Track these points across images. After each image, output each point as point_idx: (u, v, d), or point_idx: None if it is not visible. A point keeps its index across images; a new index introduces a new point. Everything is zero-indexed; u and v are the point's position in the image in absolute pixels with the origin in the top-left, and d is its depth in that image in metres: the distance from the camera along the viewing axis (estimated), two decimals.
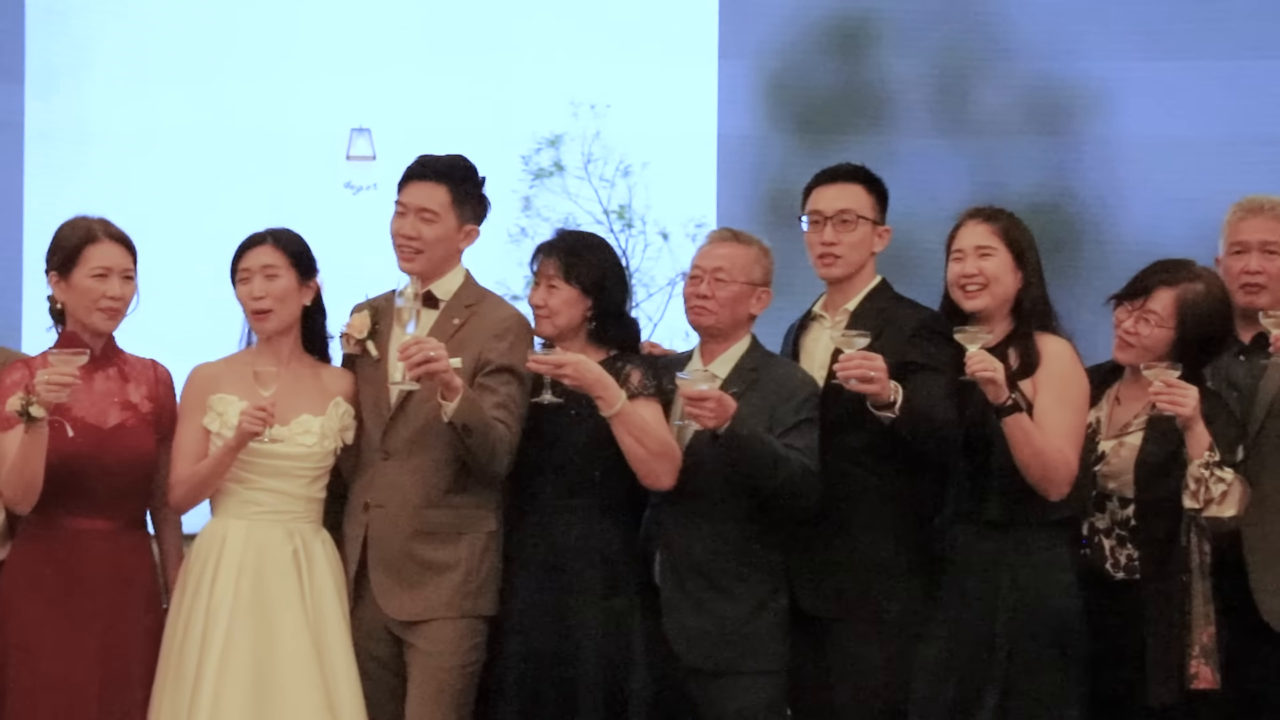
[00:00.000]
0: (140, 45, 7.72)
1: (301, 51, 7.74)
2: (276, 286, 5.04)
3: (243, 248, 5.11)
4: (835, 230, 5.15)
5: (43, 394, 4.70)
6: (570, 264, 5.08)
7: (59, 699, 4.85)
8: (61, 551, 4.92)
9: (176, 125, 7.68)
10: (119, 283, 4.99)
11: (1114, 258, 7.09)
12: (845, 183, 5.21)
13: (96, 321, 5.00)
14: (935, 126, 7.64)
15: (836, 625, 5.03)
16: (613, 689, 4.96)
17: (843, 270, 5.17)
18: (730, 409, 4.83)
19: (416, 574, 5.02)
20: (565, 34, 7.76)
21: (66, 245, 5.02)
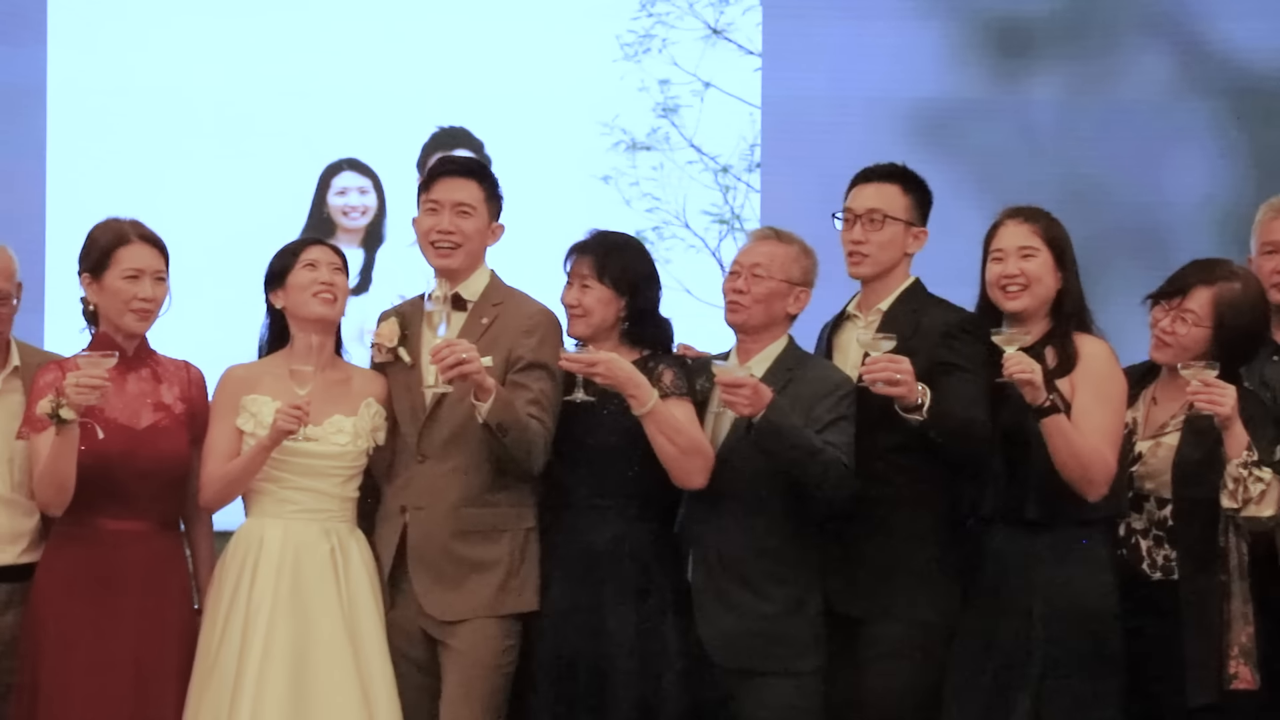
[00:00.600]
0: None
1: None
2: (342, 281, 5.08)
3: (299, 246, 5.11)
4: (864, 229, 5.11)
5: (72, 396, 4.67)
6: (604, 264, 5.04)
7: (92, 700, 4.82)
8: (95, 553, 4.89)
9: (206, 120, 7.63)
10: (151, 284, 4.97)
11: None
12: (882, 182, 5.16)
13: (128, 323, 4.97)
14: None
15: (868, 625, 4.99)
16: (646, 689, 4.92)
17: (869, 269, 5.13)
18: (766, 397, 4.79)
19: (459, 573, 4.99)
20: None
21: (98, 247, 5.00)
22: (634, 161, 7.68)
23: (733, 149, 7.71)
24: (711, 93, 7.73)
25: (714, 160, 7.73)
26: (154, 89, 7.58)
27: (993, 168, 7.42)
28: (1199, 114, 7.58)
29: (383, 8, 7.67)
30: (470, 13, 7.69)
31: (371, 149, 7.67)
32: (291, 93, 7.59)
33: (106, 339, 4.98)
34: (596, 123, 7.65)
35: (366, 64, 7.61)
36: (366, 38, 7.63)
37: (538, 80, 7.63)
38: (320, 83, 7.59)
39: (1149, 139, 7.54)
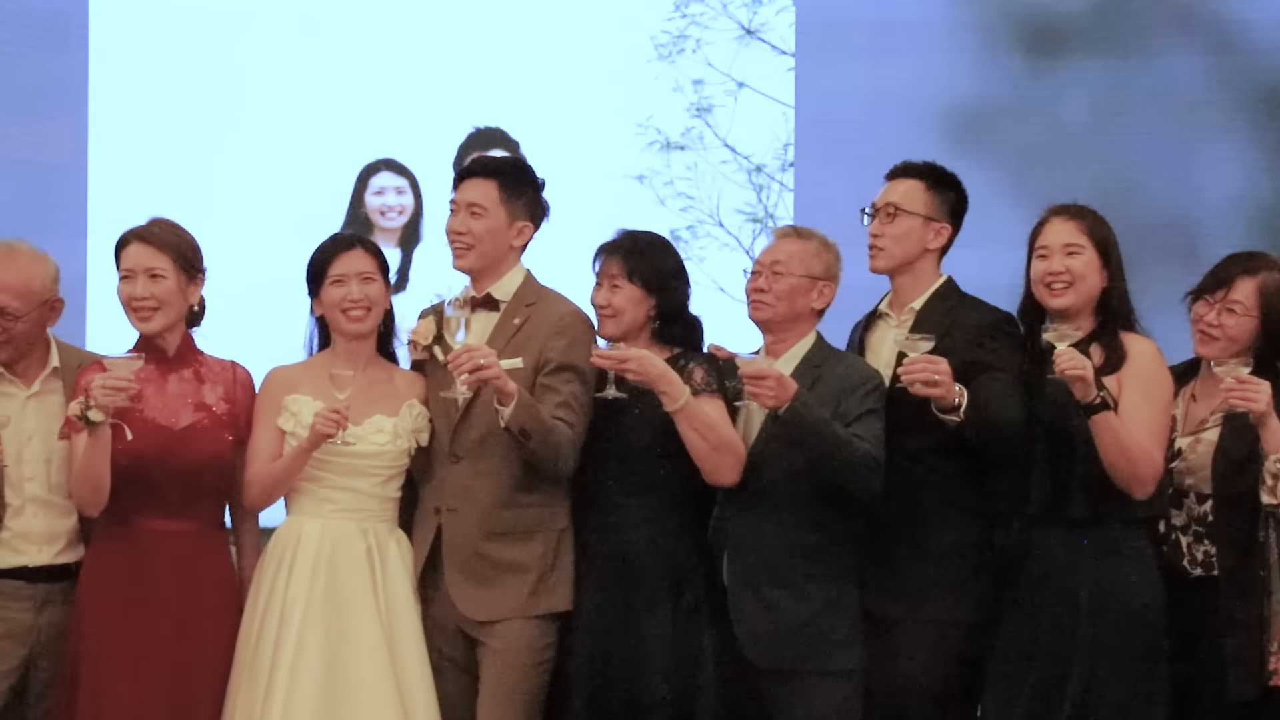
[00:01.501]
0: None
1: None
2: (373, 290, 4.98)
3: (332, 252, 5.03)
4: (880, 223, 5.07)
5: (99, 398, 4.63)
6: (633, 263, 4.98)
7: (129, 697, 4.77)
8: (135, 553, 4.85)
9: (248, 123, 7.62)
10: (144, 283, 4.91)
11: None
12: (905, 178, 5.12)
13: (134, 323, 4.94)
14: None
15: (903, 626, 4.92)
16: (681, 690, 4.86)
17: (884, 263, 5.07)
18: (791, 389, 4.72)
19: (491, 574, 4.93)
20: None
21: (115, 252, 4.98)
22: (668, 161, 7.66)
23: (766, 148, 7.69)
24: (745, 92, 7.71)
25: (747, 159, 7.71)
26: (194, 91, 7.58)
27: (1025, 166, 7.34)
28: (1231, 112, 7.49)
29: (421, 10, 7.65)
30: (507, 14, 7.68)
31: (409, 149, 7.67)
32: (330, 94, 7.60)
33: (148, 341, 4.94)
34: (631, 122, 7.64)
35: (404, 65, 7.61)
36: (404, 39, 7.64)
37: (573, 81, 7.62)
38: (358, 84, 7.60)
39: (1181, 137, 7.46)
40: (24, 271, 4.90)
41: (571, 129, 7.54)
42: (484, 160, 5.18)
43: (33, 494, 4.90)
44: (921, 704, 4.90)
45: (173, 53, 7.60)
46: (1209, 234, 7.15)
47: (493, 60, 7.60)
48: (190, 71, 7.59)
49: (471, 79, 7.59)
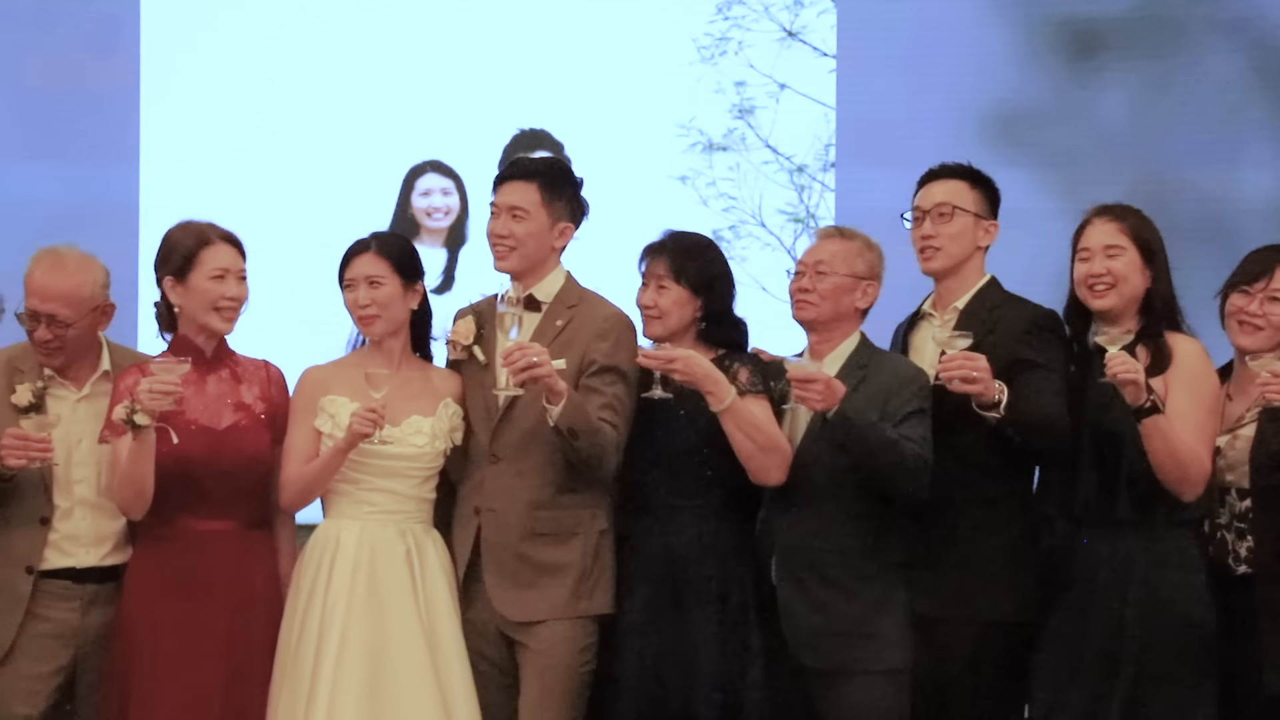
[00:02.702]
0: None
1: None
2: (381, 294, 4.89)
3: (348, 255, 4.97)
4: (933, 223, 4.98)
5: (145, 402, 4.57)
6: (680, 264, 4.91)
7: (183, 698, 4.71)
8: (182, 553, 4.79)
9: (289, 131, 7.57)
10: (235, 283, 4.87)
11: None
12: (947, 179, 5.04)
13: (213, 322, 4.87)
14: None
15: (949, 625, 4.82)
16: (728, 690, 4.78)
17: (942, 263, 4.98)
18: (839, 392, 4.65)
19: (531, 575, 4.85)
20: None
21: (181, 249, 4.89)
22: (711, 162, 7.60)
23: (807, 149, 7.62)
24: (787, 94, 7.64)
25: (789, 160, 7.64)
26: (244, 93, 7.53)
27: (1066, 167, 7.26)
28: (1272, 111, 7.38)
29: (467, 13, 7.60)
30: (551, 18, 7.61)
31: (454, 151, 7.61)
32: (376, 96, 7.54)
33: (185, 342, 4.88)
34: (674, 124, 7.57)
35: (450, 68, 7.55)
36: (449, 41, 7.58)
37: (617, 83, 7.55)
38: (404, 86, 7.53)
39: (1222, 137, 7.35)
40: (73, 279, 4.85)
41: (615, 130, 7.47)
42: (523, 162, 5.10)
43: (82, 496, 4.85)
44: (968, 704, 4.82)
45: (223, 54, 7.56)
46: (1250, 234, 7.02)
47: (537, 63, 7.55)
48: (239, 73, 7.55)
49: (516, 81, 7.53)
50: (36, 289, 4.82)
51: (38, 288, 4.82)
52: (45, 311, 4.81)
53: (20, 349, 4.95)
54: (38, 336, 4.83)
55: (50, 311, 4.81)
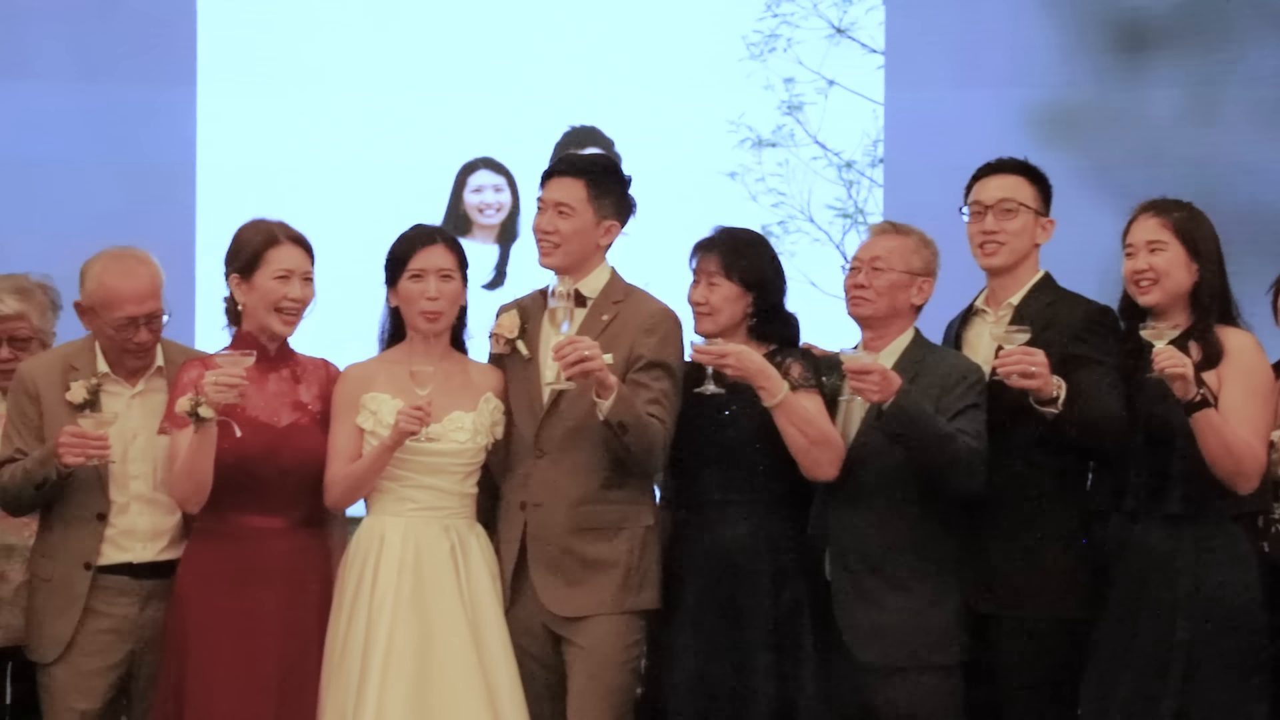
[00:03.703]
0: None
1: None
2: (450, 288, 4.82)
3: (413, 245, 4.85)
4: (996, 219, 4.89)
5: (211, 395, 4.51)
6: (731, 261, 4.82)
7: (238, 695, 4.64)
8: (236, 549, 4.72)
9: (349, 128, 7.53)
10: (299, 285, 4.79)
11: None
12: (1007, 174, 4.94)
13: (273, 323, 4.79)
14: None
15: (1004, 621, 4.73)
16: (783, 685, 4.69)
17: (1004, 259, 4.89)
18: (895, 383, 4.57)
19: (577, 571, 4.76)
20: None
21: (249, 248, 4.82)
22: (760, 158, 7.58)
23: (856, 144, 7.61)
24: (835, 90, 7.61)
25: (837, 156, 7.62)
26: (298, 93, 7.53)
27: (1113, 162, 7.18)
28: None
29: (516, 10, 7.55)
30: (601, 15, 7.59)
31: (506, 148, 7.61)
32: (429, 93, 7.53)
33: (249, 338, 4.81)
34: (723, 120, 7.56)
35: (501, 65, 7.55)
36: (501, 40, 7.57)
37: (666, 80, 7.56)
38: (456, 84, 7.52)
39: (1272, 132, 7.24)
40: (151, 272, 4.84)
41: (664, 127, 7.47)
42: (571, 159, 5.04)
43: (137, 492, 4.80)
44: (1021, 700, 4.73)
45: (277, 54, 7.57)
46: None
47: (588, 60, 7.55)
48: (293, 74, 7.56)
49: (567, 79, 7.53)
50: (129, 294, 4.76)
51: (130, 292, 4.76)
52: (144, 313, 4.77)
53: (75, 347, 4.91)
54: (139, 340, 4.79)
55: (149, 311, 4.78)
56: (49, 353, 5.00)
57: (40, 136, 7.53)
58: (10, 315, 5.13)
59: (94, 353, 4.85)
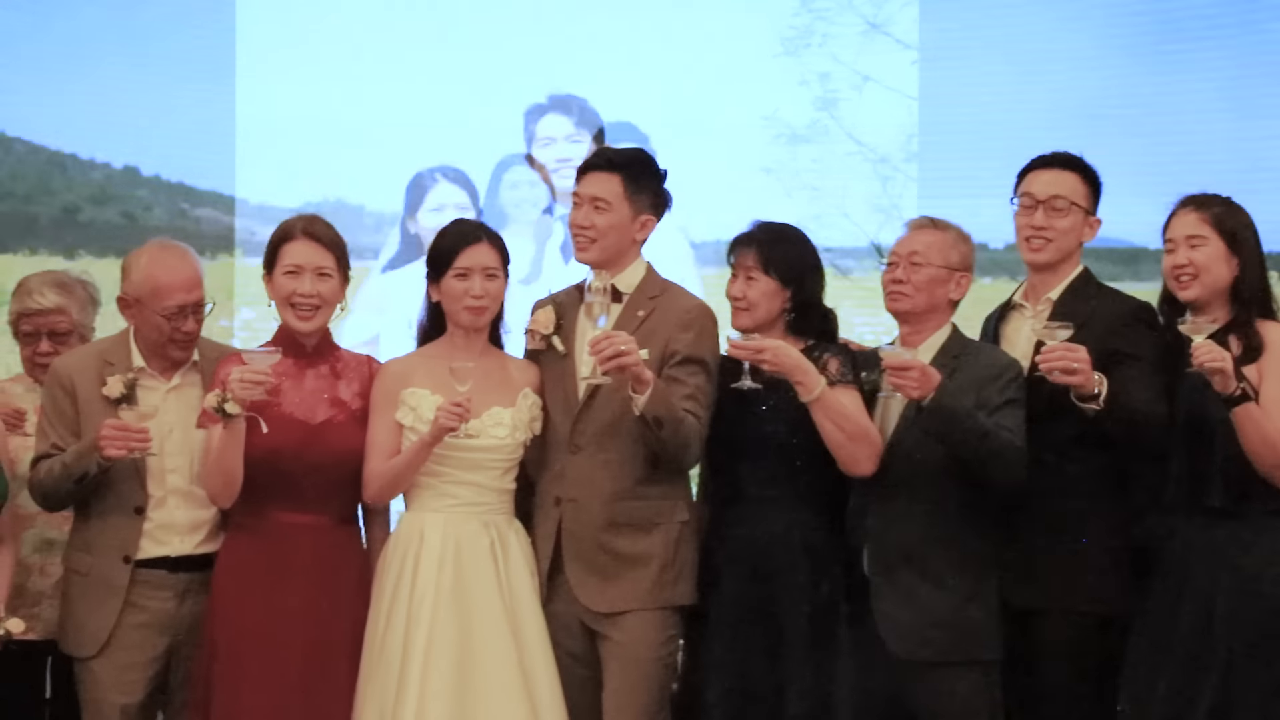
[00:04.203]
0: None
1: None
2: (495, 286, 4.78)
3: (459, 243, 4.81)
4: (1047, 215, 4.85)
5: (237, 392, 4.48)
6: (769, 256, 4.77)
7: (264, 688, 4.61)
8: (270, 545, 4.68)
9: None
10: (311, 280, 4.74)
11: None
12: (1061, 169, 4.90)
13: (289, 319, 4.76)
14: None
15: (1043, 616, 4.69)
16: (820, 681, 4.65)
17: (1051, 255, 4.85)
18: (934, 380, 4.52)
19: (612, 566, 4.72)
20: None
21: (270, 245, 4.82)
22: (795, 153, 7.50)
23: (891, 140, 7.52)
24: (869, 86, 7.54)
25: (872, 151, 7.53)
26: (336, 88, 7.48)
27: (1153, 156, 7.10)
28: None
29: (551, 7, 7.51)
30: (637, 11, 7.53)
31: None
32: (467, 90, 7.47)
33: (286, 334, 4.78)
34: (758, 116, 7.48)
35: (538, 61, 7.47)
36: (535, 36, 7.52)
37: (701, 76, 7.48)
38: (495, 80, 7.45)
39: None
40: (197, 265, 4.85)
41: (700, 122, 7.39)
42: (607, 153, 4.96)
43: (174, 485, 4.78)
44: (1061, 695, 4.68)
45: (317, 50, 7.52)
46: None
47: (624, 57, 7.48)
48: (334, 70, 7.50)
49: (603, 75, 7.45)
50: (178, 283, 4.76)
51: (178, 281, 4.76)
52: (192, 301, 4.76)
53: (110, 342, 4.90)
54: (187, 329, 4.77)
55: (197, 299, 4.77)
56: (84, 348, 4.98)
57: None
58: (50, 309, 5.13)
59: (129, 347, 4.84)
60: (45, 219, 7.86)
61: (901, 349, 4.66)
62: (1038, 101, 7.24)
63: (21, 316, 5.15)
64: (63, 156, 7.90)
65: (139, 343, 4.83)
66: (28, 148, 7.89)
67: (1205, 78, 7.27)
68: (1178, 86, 7.27)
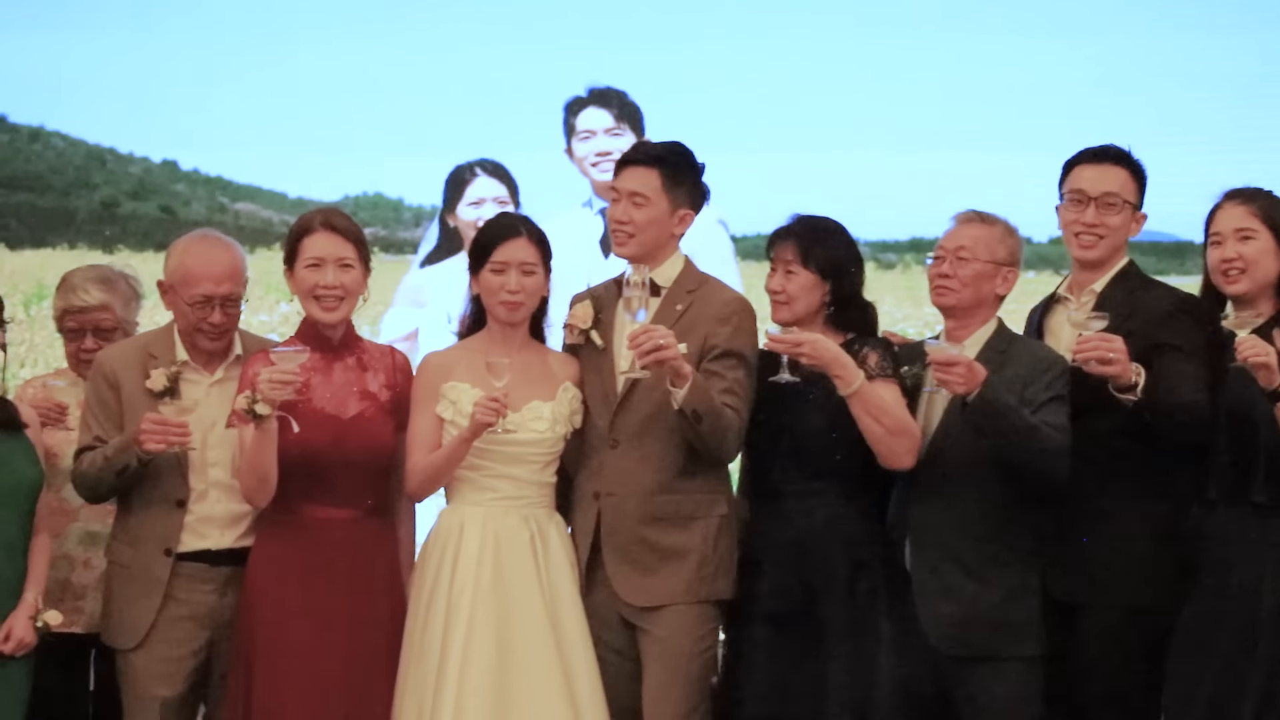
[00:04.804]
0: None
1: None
2: (532, 282, 4.78)
3: (497, 237, 4.81)
4: (1098, 212, 4.82)
5: (266, 392, 4.48)
6: (808, 249, 4.76)
7: (304, 683, 4.62)
8: (304, 540, 4.70)
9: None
10: (334, 271, 4.74)
11: None
12: (1110, 164, 4.87)
13: (313, 311, 4.77)
14: None
15: (1086, 611, 4.67)
16: (860, 676, 4.65)
17: (1102, 253, 4.83)
18: (980, 375, 4.50)
19: (651, 560, 4.72)
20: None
21: (290, 238, 4.83)
22: None
23: None
24: None
25: None
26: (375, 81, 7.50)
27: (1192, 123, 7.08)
28: None
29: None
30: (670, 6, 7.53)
31: None
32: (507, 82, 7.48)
33: (310, 329, 4.79)
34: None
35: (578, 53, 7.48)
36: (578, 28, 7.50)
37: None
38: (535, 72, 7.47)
39: None
40: (233, 255, 4.84)
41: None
42: (645, 148, 4.96)
43: (216, 479, 4.79)
44: (1105, 690, 4.67)
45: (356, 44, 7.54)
46: None
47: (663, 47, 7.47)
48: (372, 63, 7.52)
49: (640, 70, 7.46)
50: (207, 274, 4.76)
51: (209, 272, 4.76)
52: (221, 294, 4.77)
53: (154, 335, 4.92)
54: (213, 321, 4.78)
55: (226, 292, 4.77)
56: (128, 340, 5.00)
57: None
58: (94, 306, 5.15)
59: (173, 340, 4.85)
60: (84, 213, 7.89)
61: (947, 344, 4.65)
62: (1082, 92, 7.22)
63: (66, 313, 5.18)
64: (102, 150, 7.94)
65: (182, 336, 4.84)
66: (67, 142, 7.94)
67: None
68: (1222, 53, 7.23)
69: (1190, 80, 7.20)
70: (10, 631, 4.65)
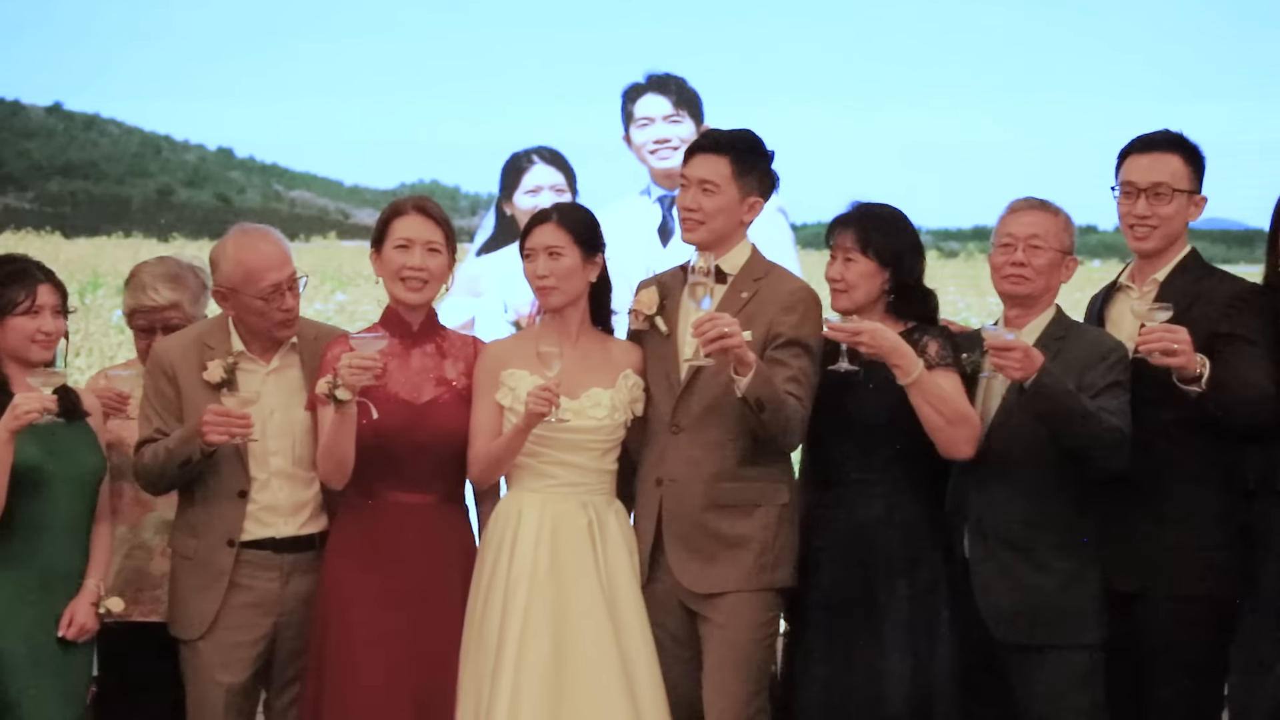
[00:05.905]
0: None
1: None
2: (560, 265, 4.81)
3: (529, 225, 4.89)
4: (1149, 203, 4.81)
5: (346, 378, 4.56)
6: (867, 236, 4.77)
7: (378, 668, 4.69)
8: (379, 524, 4.77)
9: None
10: (421, 253, 4.82)
11: None
12: (1161, 152, 4.85)
13: (398, 292, 4.84)
14: None
15: (1147, 600, 4.68)
16: (918, 663, 4.67)
17: (1155, 244, 4.82)
18: (1037, 361, 4.51)
19: (712, 547, 4.76)
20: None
21: (380, 221, 4.90)
22: None
23: None
24: None
25: None
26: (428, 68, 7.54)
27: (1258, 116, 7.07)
28: None
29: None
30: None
31: None
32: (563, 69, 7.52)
33: (392, 314, 4.87)
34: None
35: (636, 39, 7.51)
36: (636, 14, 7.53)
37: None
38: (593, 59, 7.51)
39: None
40: (282, 239, 4.92)
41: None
42: (715, 135, 4.96)
43: (277, 468, 4.86)
44: (1166, 680, 4.68)
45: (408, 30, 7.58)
46: None
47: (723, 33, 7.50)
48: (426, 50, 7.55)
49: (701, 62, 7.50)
50: (268, 263, 4.82)
51: (269, 261, 4.82)
52: (286, 277, 4.83)
53: (209, 326, 4.97)
54: (288, 306, 4.85)
55: (290, 274, 4.84)
56: (183, 332, 5.03)
57: None
58: (164, 305, 5.19)
59: (228, 331, 4.90)
60: (139, 201, 7.95)
61: (1003, 329, 4.67)
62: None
63: (136, 312, 5.22)
64: (157, 138, 8.00)
65: (238, 327, 4.90)
66: (122, 130, 8.00)
67: None
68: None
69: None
70: (73, 617, 4.74)
